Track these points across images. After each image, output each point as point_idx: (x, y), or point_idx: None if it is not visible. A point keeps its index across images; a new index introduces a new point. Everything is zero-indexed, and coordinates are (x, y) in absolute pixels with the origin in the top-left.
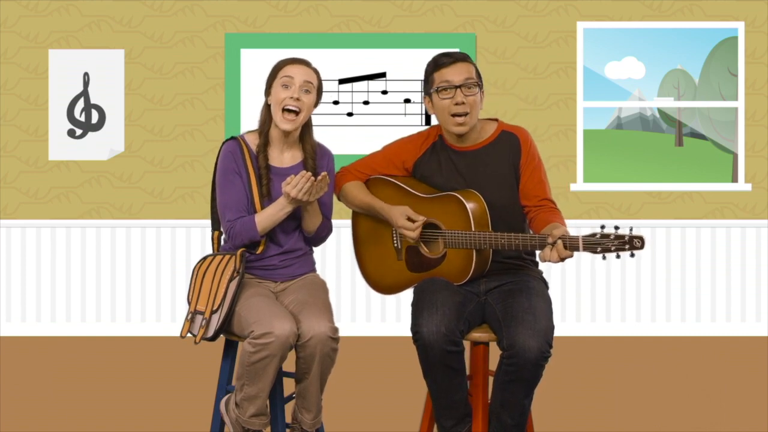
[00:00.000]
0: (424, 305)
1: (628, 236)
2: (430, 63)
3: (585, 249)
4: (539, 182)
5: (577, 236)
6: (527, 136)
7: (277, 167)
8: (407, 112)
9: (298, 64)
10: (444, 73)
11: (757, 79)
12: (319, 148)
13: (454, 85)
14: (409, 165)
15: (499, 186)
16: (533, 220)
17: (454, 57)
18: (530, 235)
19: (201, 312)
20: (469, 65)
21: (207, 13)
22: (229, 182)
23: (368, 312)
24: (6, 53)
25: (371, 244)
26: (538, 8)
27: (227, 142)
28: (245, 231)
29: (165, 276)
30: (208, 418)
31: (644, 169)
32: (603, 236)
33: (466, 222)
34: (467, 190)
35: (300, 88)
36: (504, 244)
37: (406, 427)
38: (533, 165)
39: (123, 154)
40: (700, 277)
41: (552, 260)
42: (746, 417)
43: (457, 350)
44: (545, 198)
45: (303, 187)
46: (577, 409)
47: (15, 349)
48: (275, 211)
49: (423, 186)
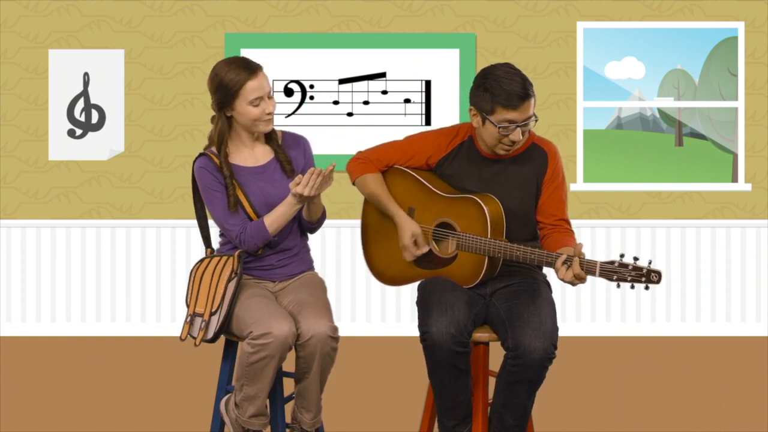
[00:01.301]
0: (433, 305)
1: (646, 269)
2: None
3: (601, 275)
4: (559, 201)
5: (595, 261)
6: (556, 152)
7: (252, 167)
8: (407, 112)
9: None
10: (509, 113)
11: (757, 79)
12: (290, 140)
13: (516, 124)
14: (433, 161)
15: (520, 198)
16: (546, 237)
17: (522, 97)
18: (546, 252)
19: (200, 314)
20: (532, 102)
21: (207, 13)
22: (216, 194)
23: (368, 312)
24: (6, 53)
25: (380, 232)
26: (538, 8)
27: (198, 159)
28: (257, 234)
29: (165, 276)
30: (208, 418)
31: (644, 169)
32: (621, 265)
33: (482, 227)
34: (487, 195)
35: (267, 98)
36: (519, 256)
37: (406, 427)
38: (557, 183)
39: (123, 154)
40: (700, 277)
41: (566, 279)
42: (746, 417)
43: (465, 351)
44: (562, 218)
45: (315, 184)
46: (577, 409)
47: (15, 349)
48: (284, 212)
49: (443, 184)
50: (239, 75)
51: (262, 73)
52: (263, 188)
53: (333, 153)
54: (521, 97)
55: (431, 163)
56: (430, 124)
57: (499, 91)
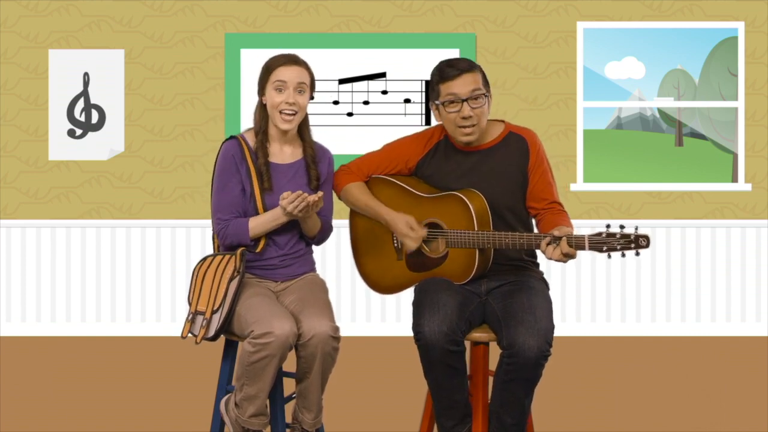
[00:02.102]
0: (426, 305)
1: (633, 235)
2: (434, 72)
3: (591, 248)
4: (547, 185)
5: (583, 235)
6: (535, 138)
7: (277, 164)
8: (407, 112)
9: (289, 65)
10: (450, 86)
11: (757, 79)
12: (319, 150)
13: (460, 98)
14: (412, 164)
15: (503, 187)
16: (541, 221)
17: (459, 68)
18: (534, 234)
19: (202, 312)
20: (475, 75)
21: (207, 13)
22: (226, 182)
23: (368, 312)
24: (6, 53)
25: (370, 243)
26: (538, 8)
27: (227, 142)
28: (236, 233)
29: (165, 276)
30: (208, 418)
31: (644, 169)
32: (609, 235)
33: (468, 221)
34: (469, 190)
35: (294, 90)
36: (508, 243)
37: (406, 427)
38: (542, 168)
39: (123, 154)
40: (700, 277)
41: (554, 258)
42: (746, 417)
43: (459, 350)
44: (553, 201)
45: (299, 206)
46: (577, 409)
47: (15, 349)
48: (269, 220)
49: (424, 185)
50: (277, 60)
51: (301, 67)
52: (281, 187)
53: (333, 153)
54: (457, 68)
55: (411, 166)
56: (429, 124)
57: (437, 71)
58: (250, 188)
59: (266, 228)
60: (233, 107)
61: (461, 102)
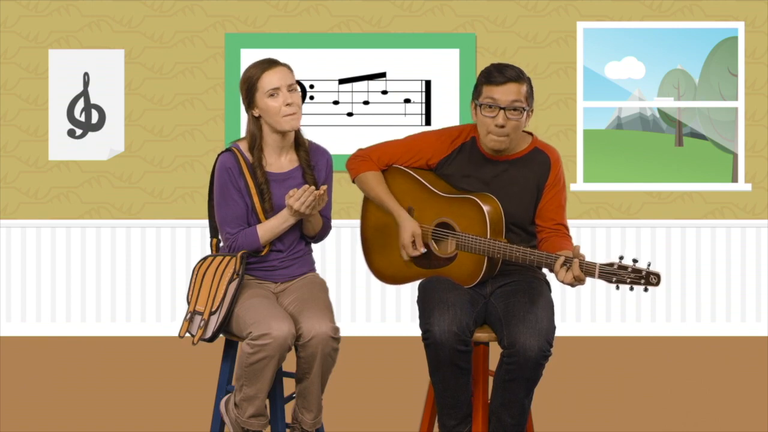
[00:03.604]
0: (435, 304)
1: (645, 271)
2: (483, 72)
3: (600, 276)
4: (558, 206)
5: (594, 263)
6: (558, 158)
7: (276, 173)
8: (407, 112)
9: (272, 68)
10: (492, 90)
11: (757, 79)
12: (315, 149)
13: (498, 105)
14: (434, 162)
15: (520, 201)
16: (544, 241)
17: (506, 76)
18: (546, 254)
19: (200, 312)
20: (520, 86)
21: (207, 13)
22: (228, 196)
23: (368, 312)
24: (6, 53)
25: (381, 231)
26: (538, 8)
27: (223, 155)
28: (248, 243)
29: (165, 276)
30: (208, 418)
31: (644, 169)
32: (620, 267)
33: (482, 227)
34: (487, 195)
35: (287, 90)
36: (518, 257)
37: (406, 427)
38: (557, 189)
39: (123, 154)
40: (700, 277)
41: (566, 281)
42: (746, 417)
43: (467, 350)
44: (560, 223)
45: (306, 201)
46: (577, 409)
47: (15, 349)
48: (278, 224)
49: (442, 183)
50: (257, 69)
51: (283, 67)
52: (280, 199)
53: (333, 153)
54: (504, 76)
55: (432, 163)
56: (429, 124)
57: (485, 72)
58: (251, 203)
59: (276, 232)
60: (233, 107)
61: (499, 109)
